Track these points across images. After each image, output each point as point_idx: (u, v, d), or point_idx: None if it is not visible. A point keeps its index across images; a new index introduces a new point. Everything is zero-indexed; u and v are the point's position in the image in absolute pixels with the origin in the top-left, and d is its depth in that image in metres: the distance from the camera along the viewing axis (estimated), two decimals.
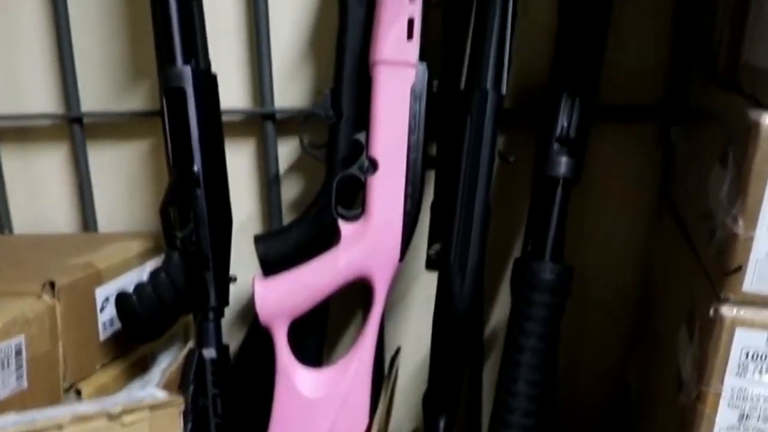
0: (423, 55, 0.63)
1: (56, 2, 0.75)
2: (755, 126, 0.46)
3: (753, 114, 0.47)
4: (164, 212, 0.66)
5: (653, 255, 0.75)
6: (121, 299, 0.65)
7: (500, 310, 0.78)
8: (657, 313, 0.71)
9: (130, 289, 0.66)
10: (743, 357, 0.49)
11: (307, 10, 0.74)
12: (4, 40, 0.78)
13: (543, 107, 0.66)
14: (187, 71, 0.66)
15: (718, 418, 0.50)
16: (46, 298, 0.61)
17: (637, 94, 0.72)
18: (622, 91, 0.72)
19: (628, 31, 0.70)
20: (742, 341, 0.49)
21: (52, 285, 0.62)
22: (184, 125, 0.66)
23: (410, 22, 0.62)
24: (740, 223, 0.47)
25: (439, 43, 0.66)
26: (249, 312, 0.78)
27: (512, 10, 0.61)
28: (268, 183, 0.77)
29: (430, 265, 0.67)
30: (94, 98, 0.79)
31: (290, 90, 0.76)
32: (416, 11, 0.62)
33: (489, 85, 0.59)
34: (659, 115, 0.72)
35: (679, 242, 0.63)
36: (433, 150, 0.68)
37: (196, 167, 0.67)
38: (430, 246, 0.67)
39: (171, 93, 0.66)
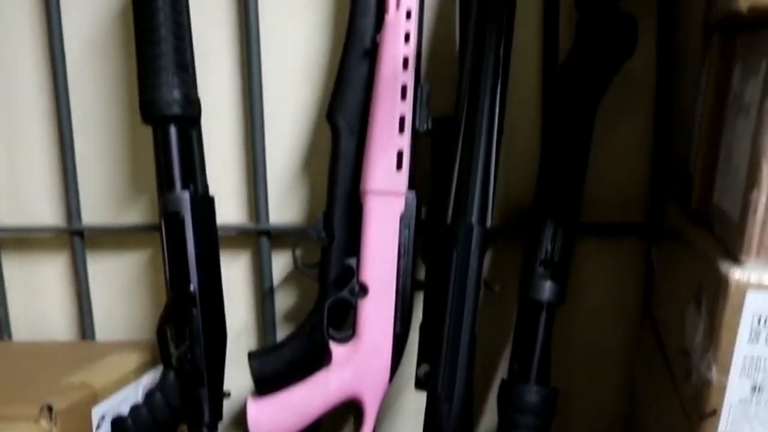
0: (412, 184, 0.66)
1: (60, 118, 0.78)
2: (725, 280, 0.48)
3: (723, 267, 0.49)
4: (161, 332, 0.68)
5: (636, 372, 0.77)
6: (117, 424, 0.66)
7: (488, 430, 0.79)
8: None
9: (126, 406, 0.68)
10: None
11: (302, 136, 0.77)
12: (9, 152, 0.81)
13: (528, 226, 0.69)
14: (186, 197, 0.69)
15: None
16: (44, 423, 0.62)
17: (619, 212, 0.75)
18: (605, 209, 0.74)
19: (609, 153, 0.73)
20: None
21: (50, 409, 0.63)
22: (181, 248, 0.69)
23: (399, 154, 0.65)
24: (714, 369, 0.49)
25: (428, 169, 0.69)
26: (240, 421, 0.80)
27: (497, 143, 0.64)
28: (263, 295, 0.79)
29: (419, 385, 0.69)
30: (94, 210, 0.81)
31: (285, 206, 0.78)
32: (405, 143, 0.66)
33: (474, 219, 0.62)
34: (640, 233, 0.75)
35: (659, 364, 0.65)
36: (422, 272, 0.70)
37: (193, 287, 0.69)
38: (418, 365, 0.69)
39: (169, 217, 0.69)
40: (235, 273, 0.80)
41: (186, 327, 0.70)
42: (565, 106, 0.66)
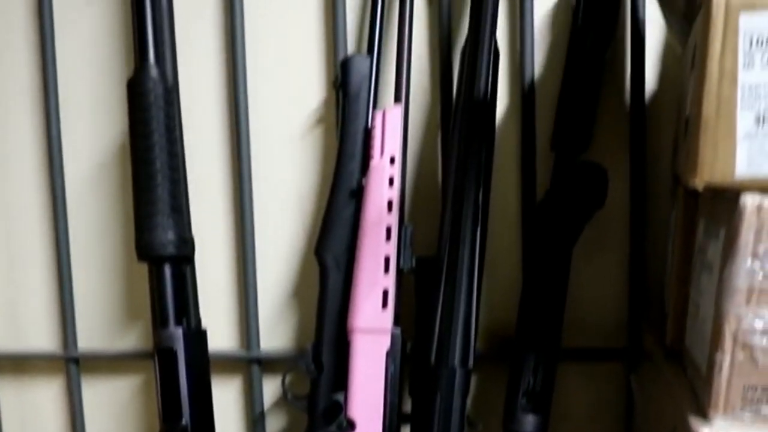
0: (397, 320, 0.69)
1: (59, 248, 0.81)
2: None
3: (694, 422, 0.51)
4: None
5: None
6: None
7: None
8: None
9: None
10: None
11: (292, 266, 0.80)
12: (8, 279, 0.84)
13: (511, 354, 0.71)
14: (179, 333, 0.71)
15: None
16: None
17: (599, 338, 0.77)
18: (585, 334, 0.76)
19: (588, 281, 0.76)
20: None
21: None
22: (174, 382, 0.71)
23: (385, 293, 0.68)
24: None
25: (413, 304, 0.71)
26: None
27: (478, 281, 0.67)
28: (254, 420, 0.81)
29: None
30: (90, 335, 0.83)
31: (276, 331, 0.80)
32: (390, 283, 0.68)
33: (456, 362, 0.65)
34: (621, 359, 0.77)
35: None
36: (408, 404, 0.72)
37: (185, 421, 0.71)
38: None
39: (163, 353, 0.71)
40: (225, 399, 0.82)
41: None
42: (543, 244, 0.69)
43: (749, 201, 0.47)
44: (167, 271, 0.71)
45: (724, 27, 0.46)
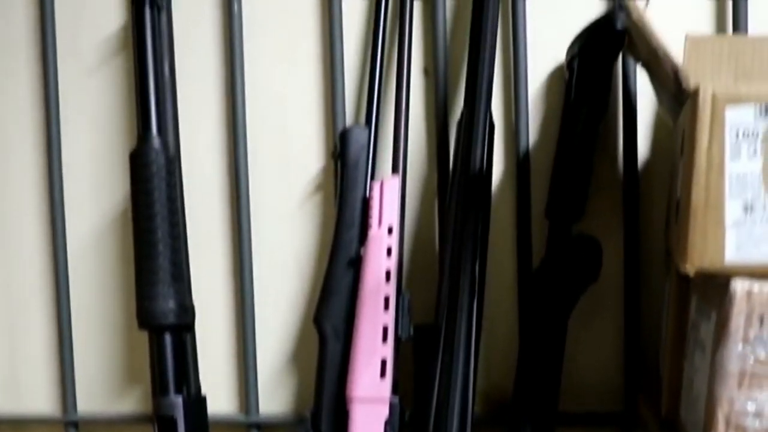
0: (395, 389, 0.70)
1: (60, 313, 0.82)
2: None
3: None
4: None
5: None
6: None
7: None
8: None
9: None
10: None
11: (291, 330, 0.80)
12: (9, 342, 0.84)
13: (508, 419, 0.71)
14: (179, 401, 0.71)
15: None
16: None
17: (595, 402, 0.77)
18: (582, 398, 0.77)
19: (585, 345, 0.76)
20: None
21: None
22: None
23: (383, 362, 0.69)
24: None
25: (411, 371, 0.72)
26: None
27: (475, 349, 0.68)
28: None
29: None
30: (89, 397, 0.84)
31: (276, 397, 0.81)
32: (388, 352, 0.69)
33: (454, 430, 0.65)
34: (617, 423, 0.77)
35: None
36: None
37: None
38: None
39: (163, 421, 0.71)
40: None
41: None
42: (539, 313, 0.70)
43: (739, 286, 0.48)
44: (168, 339, 0.72)
45: (711, 120, 0.47)
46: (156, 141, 0.73)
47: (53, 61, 0.80)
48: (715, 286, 0.50)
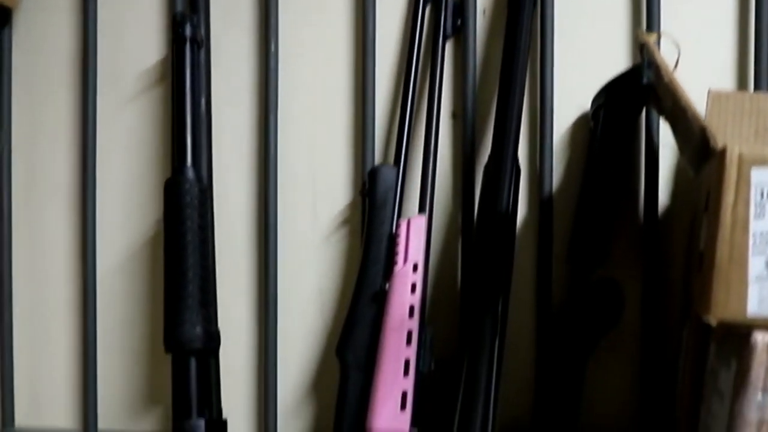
0: (415, 421, 0.71)
1: (87, 332, 0.83)
2: None
3: None
4: None
5: None
6: None
7: None
8: None
9: None
10: None
11: (311, 364, 0.82)
12: (33, 358, 0.86)
13: None
14: (201, 424, 0.73)
15: None
16: None
17: None
18: None
19: (602, 386, 0.77)
20: None
21: None
22: None
23: (404, 395, 0.70)
24: None
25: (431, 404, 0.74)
26: None
27: (495, 388, 0.69)
28: None
29: None
30: (110, 415, 0.85)
31: (294, 426, 0.82)
32: (409, 385, 0.70)
33: None
34: None
35: None
36: None
37: None
38: None
39: None
40: None
41: None
42: (558, 355, 0.72)
43: (760, 338, 0.50)
44: (193, 364, 0.74)
45: (737, 179, 0.49)
46: (190, 172, 0.75)
47: (93, 88, 0.82)
48: (736, 337, 0.52)
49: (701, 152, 0.56)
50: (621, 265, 0.75)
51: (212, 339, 0.75)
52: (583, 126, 0.76)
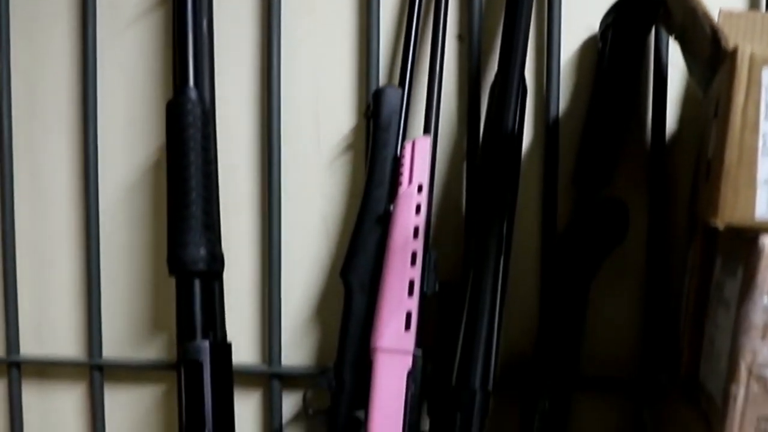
0: (419, 342, 0.71)
1: (90, 258, 0.84)
2: None
3: None
4: None
5: None
6: None
7: None
8: None
9: None
10: None
11: (317, 284, 0.82)
12: (37, 286, 0.86)
13: (528, 379, 0.73)
14: (206, 345, 0.73)
15: None
16: None
17: (614, 369, 0.79)
18: (600, 365, 0.79)
19: (605, 311, 0.78)
20: None
21: None
22: (199, 394, 0.73)
23: (408, 315, 0.70)
24: None
25: (434, 327, 0.74)
26: None
27: (500, 310, 0.69)
28: None
29: None
30: (114, 343, 0.86)
31: (298, 348, 0.83)
32: (413, 305, 0.70)
33: (477, 384, 0.67)
34: (634, 390, 0.79)
35: None
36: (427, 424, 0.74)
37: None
38: None
39: (189, 364, 0.73)
40: (244, 412, 0.84)
41: None
42: (562, 276, 0.72)
43: (767, 242, 0.50)
44: (197, 286, 0.74)
45: (748, 80, 0.49)
46: (192, 93, 0.74)
47: (93, 10, 0.82)
48: (743, 242, 0.52)
49: (712, 59, 0.56)
50: (626, 187, 0.74)
51: (216, 261, 0.75)
52: (592, 47, 0.75)
